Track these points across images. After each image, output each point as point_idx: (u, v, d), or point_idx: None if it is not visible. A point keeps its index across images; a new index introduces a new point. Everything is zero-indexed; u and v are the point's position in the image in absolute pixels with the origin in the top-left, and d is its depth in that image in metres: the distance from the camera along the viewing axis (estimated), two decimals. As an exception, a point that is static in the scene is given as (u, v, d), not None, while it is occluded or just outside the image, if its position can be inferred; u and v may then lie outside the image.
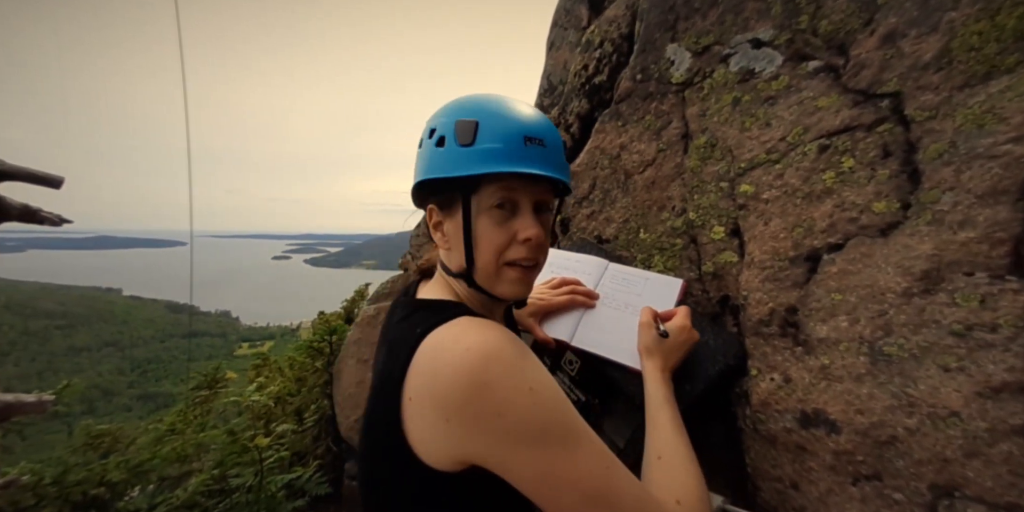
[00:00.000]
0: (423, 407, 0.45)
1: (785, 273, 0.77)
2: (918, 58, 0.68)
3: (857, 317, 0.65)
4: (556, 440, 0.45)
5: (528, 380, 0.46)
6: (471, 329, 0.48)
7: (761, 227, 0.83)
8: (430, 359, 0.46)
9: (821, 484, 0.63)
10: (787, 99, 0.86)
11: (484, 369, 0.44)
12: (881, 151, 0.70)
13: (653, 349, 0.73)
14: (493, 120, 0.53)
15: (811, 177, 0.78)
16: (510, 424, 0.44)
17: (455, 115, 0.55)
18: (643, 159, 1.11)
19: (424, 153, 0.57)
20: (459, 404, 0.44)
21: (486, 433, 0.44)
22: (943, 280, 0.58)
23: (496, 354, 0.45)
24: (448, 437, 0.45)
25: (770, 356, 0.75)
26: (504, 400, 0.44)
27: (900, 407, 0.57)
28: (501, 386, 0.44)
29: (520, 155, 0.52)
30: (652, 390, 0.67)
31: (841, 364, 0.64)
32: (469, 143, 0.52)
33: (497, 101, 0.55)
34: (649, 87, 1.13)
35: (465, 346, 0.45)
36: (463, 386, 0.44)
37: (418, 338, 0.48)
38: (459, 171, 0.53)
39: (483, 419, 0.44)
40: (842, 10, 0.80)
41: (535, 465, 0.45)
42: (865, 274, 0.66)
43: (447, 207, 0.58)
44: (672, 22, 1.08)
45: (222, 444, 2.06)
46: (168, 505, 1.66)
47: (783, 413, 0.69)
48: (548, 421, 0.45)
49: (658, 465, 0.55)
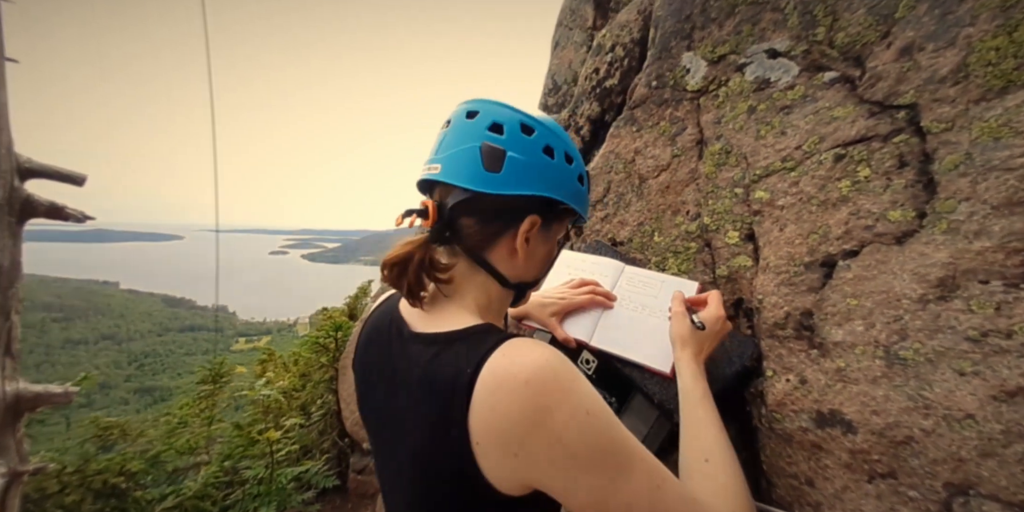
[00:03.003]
0: (490, 447, 0.46)
1: (800, 278, 0.79)
2: (935, 71, 0.71)
3: (873, 322, 0.67)
4: (612, 464, 0.46)
5: (584, 404, 0.46)
6: (520, 359, 0.47)
7: (776, 233, 0.86)
8: (488, 399, 0.46)
9: (837, 481, 0.65)
10: (803, 108, 0.88)
11: (541, 400, 0.45)
12: (897, 161, 0.72)
13: (688, 339, 0.73)
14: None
15: (827, 185, 0.80)
16: (569, 451, 0.45)
17: (566, 141, 0.62)
18: (658, 164, 1.13)
19: (537, 162, 0.57)
20: (521, 438, 0.45)
21: (547, 462, 0.45)
22: (958, 287, 0.61)
23: (550, 381, 0.45)
24: (515, 468, 0.46)
25: (785, 358, 0.77)
26: (563, 427, 0.45)
27: (916, 409, 0.60)
28: (560, 413, 0.45)
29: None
30: (689, 383, 0.68)
31: (857, 367, 0.67)
32: (586, 185, 0.64)
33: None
34: (664, 94, 1.15)
35: (523, 380, 0.45)
36: (524, 421, 0.44)
37: (471, 378, 0.47)
38: (579, 206, 0.63)
39: (544, 449, 0.45)
40: (859, 23, 0.82)
41: (591, 490, 0.45)
42: (881, 280, 0.69)
43: (548, 226, 0.62)
44: (688, 31, 1.10)
45: (229, 437, 2.08)
46: (181, 496, 1.68)
47: (799, 413, 0.71)
48: (604, 444, 0.46)
49: (706, 469, 0.55)
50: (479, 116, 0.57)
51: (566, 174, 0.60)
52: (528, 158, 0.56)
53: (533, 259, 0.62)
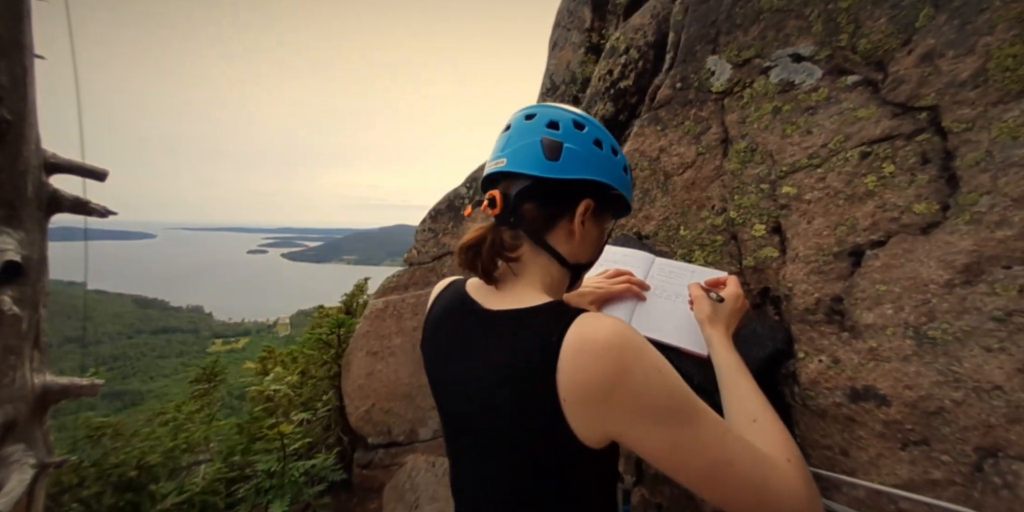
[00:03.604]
0: (576, 403, 0.50)
1: (830, 266, 0.85)
2: (955, 76, 0.77)
3: (902, 305, 0.73)
4: (683, 416, 0.51)
5: (655, 364, 0.51)
6: (597, 328, 0.52)
7: (804, 225, 0.91)
8: (574, 362, 0.50)
9: (871, 450, 0.71)
10: (827, 109, 0.94)
11: (622, 362, 0.50)
12: (920, 158, 0.79)
13: (714, 317, 0.79)
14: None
15: (853, 180, 0.86)
16: (646, 405, 0.50)
17: (611, 136, 0.69)
18: (682, 161, 1.18)
19: (589, 152, 0.65)
20: (604, 395, 0.49)
21: (626, 415, 0.50)
22: (983, 272, 0.67)
23: (627, 345, 0.50)
24: (600, 422, 0.51)
25: (817, 340, 0.82)
26: (639, 384, 0.50)
27: (946, 382, 0.66)
28: (636, 373, 0.50)
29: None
30: (724, 356, 0.73)
31: (888, 346, 0.72)
32: (629, 175, 0.72)
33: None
34: (688, 95, 1.20)
35: (603, 345, 0.50)
36: (606, 380, 0.49)
37: (556, 345, 0.52)
38: (626, 191, 0.71)
39: (624, 404, 0.50)
40: (881, 31, 0.89)
41: (666, 439, 0.50)
42: (908, 267, 0.75)
43: (602, 211, 0.69)
44: (713, 35, 1.16)
45: (227, 434, 2.05)
46: (187, 491, 1.66)
47: (833, 390, 0.77)
48: (674, 399, 0.51)
49: (755, 428, 0.61)
50: (537, 117, 0.66)
51: (613, 164, 0.68)
52: (581, 149, 0.64)
53: (587, 241, 0.69)
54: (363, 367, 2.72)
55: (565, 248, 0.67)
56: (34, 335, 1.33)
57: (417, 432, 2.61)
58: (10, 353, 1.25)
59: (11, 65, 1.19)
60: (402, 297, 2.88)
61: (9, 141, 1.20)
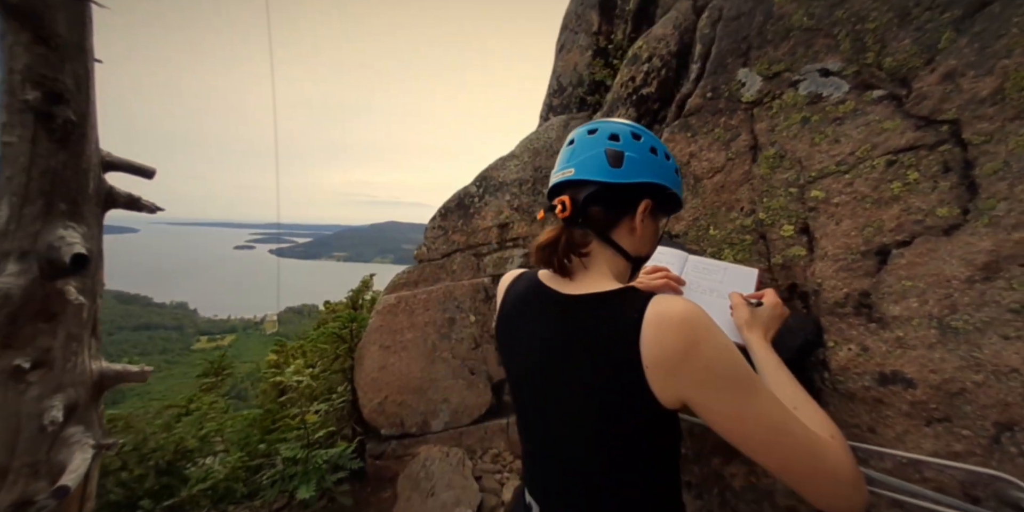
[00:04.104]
0: (657, 369, 0.58)
1: (857, 264, 0.93)
2: (975, 93, 0.86)
3: (926, 299, 0.82)
4: (745, 386, 0.58)
5: (721, 339, 0.59)
6: (672, 306, 0.60)
7: (832, 226, 1.00)
8: (655, 333, 0.58)
9: (897, 427, 0.79)
10: (854, 120, 1.02)
11: (694, 335, 0.57)
12: (942, 167, 0.87)
13: (752, 323, 0.87)
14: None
15: (879, 186, 0.94)
16: (715, 375, 0.57)
17: (663, 144, 0.77)
18: (712, 166, 1.26)
19: (647, 158, 0.73)
20: (678, 362, 0.57)
21: (699, 383, 0.57)
22: (1001, 270, 0.75)
23: (699, 322, 0.58)
24: (675, 387, 0.58)
25: (846, 331, 0.90)
26: (710, 357, 0.57)
27: (968, 367, 0.74)
28: (707, 346, 0.57)
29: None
30: (763, 356, 0.81)
31: (914, 335, 0.81)
32: (680, 176, 0.79)
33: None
34: (719, 104, 1.28)
35: (678, 320, 0.58)
36: (683, 350, 0.56)
37: (637, 321, 0.59)
38: (679, 191, 0.79)
39: (695, 371, 0.57)
40: (906, 51, 0.97)
41: (731, 406, 0.57)
42: (932, 265, 0.83)
43: (658, 209, 0.76)
44: (744, 50, 1.24)
45: (244, 424, 2.09)
46: (212, 478, 1.69)
47: (862, 375, 0.85)
48: (739, 370, 0.58)
49: (798, 414, 0.67)
50: (599, 131, 0.74)
51: (667, 167, 0.76)
52: (640, 156, 0.73)
53: (646, 236, 0.78)
54: (376, 361, 2.76)
55: (628, 243, 0.75)
56: (92, 324, 1.37)
57: (429, 424, 2.66)
58: (72, 340, 1.29)
59: (75, 68, 1.24)
60: (413, 293, 2.93)
61: (73, 141, 1.25)
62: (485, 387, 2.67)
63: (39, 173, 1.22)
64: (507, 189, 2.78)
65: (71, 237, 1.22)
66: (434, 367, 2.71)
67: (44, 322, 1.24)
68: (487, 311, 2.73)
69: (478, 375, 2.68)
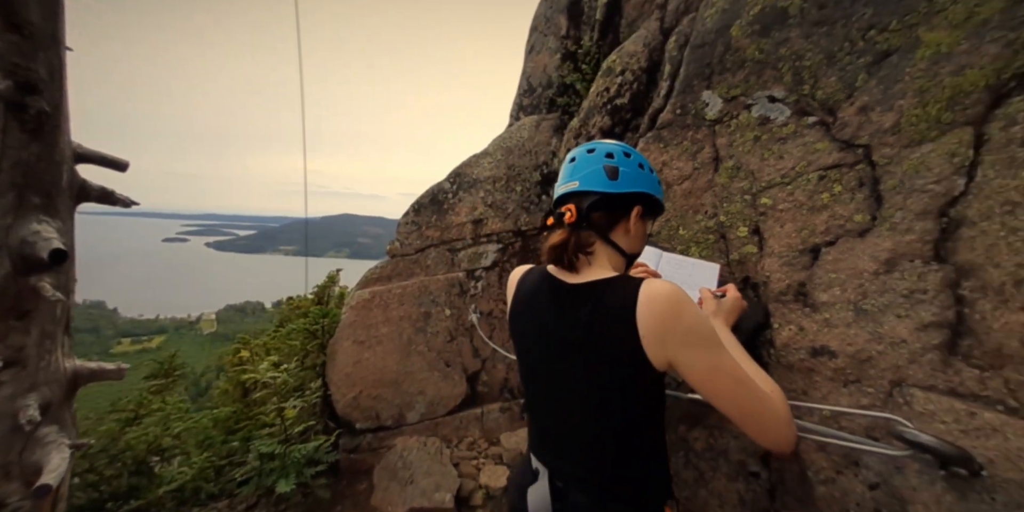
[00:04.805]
0: (651, 338, 0.73)
1: (796, 260, 1.14)
2: (881, 125, 1.09)
3: (846, 287, 1.04)
4: (716, 344, 0.75)
5: (696, 310, 0.75)
6: (660, 287, 0.75)
7: (778, 228, 1.21)
8: (648, 308, 0.74)
9: (823, 389, 1.01)
10: (795, 141, 1.24)
11: (680, 307, 0.73)
12: (858, 182, 1.10)
13: (717, 312, 1.06)
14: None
15: (813, 196, 1.16)
16: (695, 337, 0.73)
17: (646, 160, 0.92)
18: (681, 174, 1.45)
19: (637, 172, 0.88)
20: (667, 330, 0.72)
21: (682, 344, 0.73)
22: (897, 264, 0.98)
23: (680, 297, 0.74)
24: (664, 351, 0.73)
25: (788, 315, 1.12)
26: (690, 322, 0.73)
27: (873, 339, 0.96)
28: (687, 315, 0.73)
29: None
30: (726, 338, 0.99)
31: (837, 317, 1.02)
32: (661, 187, 0.95)
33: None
34: (687, 120, 1.47)
35: (665, 296, 0.74)
36: (671, 318, 0.72)
37: (633, 299, 0.75)
38: (662, 199, 0.95)
39: (680, 336, 0.73)
40: (832, 86, 1.20)
41: (706, 361, 0.74)
42: (850, 261, 1.05)
43: (647, 214, 0.92)
44: (708, 74, 1.43)
45: (204, 427, 2.04)
46: (178, 480, 1.66)
47: (799, 350, 1.06)
48: (711, 333, 0.75)
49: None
50: (596, 151, 0.91)
51: (653, 179, 0.93)
52: (631, 170, 0.89)
53: (638, 236, 0.94)
54: (350, 356, 2.77)
55: (624, 242, 0.91)
56: (65, 321, 1.31)
57: (405, 416, 2.72)
58: (46, 338, 1.23)
59: (49, 58, 1.18)
60: (387, 287, 2.95)
61: (47, 132, 1.19)
62: (460, 379, 2.77)
63: (10, 165, 1.16)
64: (481, 186, 2.86)
65: (47, 232, 1.17)
66: (410, 360, 2.76)
67: (17, 319, 1.19)
68: (462, 305, 2.82)
69: (453, 367, 2.77)
